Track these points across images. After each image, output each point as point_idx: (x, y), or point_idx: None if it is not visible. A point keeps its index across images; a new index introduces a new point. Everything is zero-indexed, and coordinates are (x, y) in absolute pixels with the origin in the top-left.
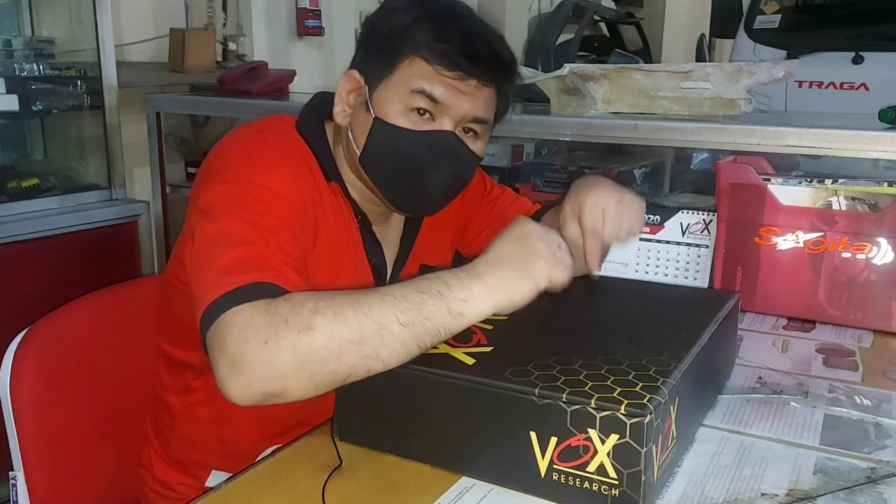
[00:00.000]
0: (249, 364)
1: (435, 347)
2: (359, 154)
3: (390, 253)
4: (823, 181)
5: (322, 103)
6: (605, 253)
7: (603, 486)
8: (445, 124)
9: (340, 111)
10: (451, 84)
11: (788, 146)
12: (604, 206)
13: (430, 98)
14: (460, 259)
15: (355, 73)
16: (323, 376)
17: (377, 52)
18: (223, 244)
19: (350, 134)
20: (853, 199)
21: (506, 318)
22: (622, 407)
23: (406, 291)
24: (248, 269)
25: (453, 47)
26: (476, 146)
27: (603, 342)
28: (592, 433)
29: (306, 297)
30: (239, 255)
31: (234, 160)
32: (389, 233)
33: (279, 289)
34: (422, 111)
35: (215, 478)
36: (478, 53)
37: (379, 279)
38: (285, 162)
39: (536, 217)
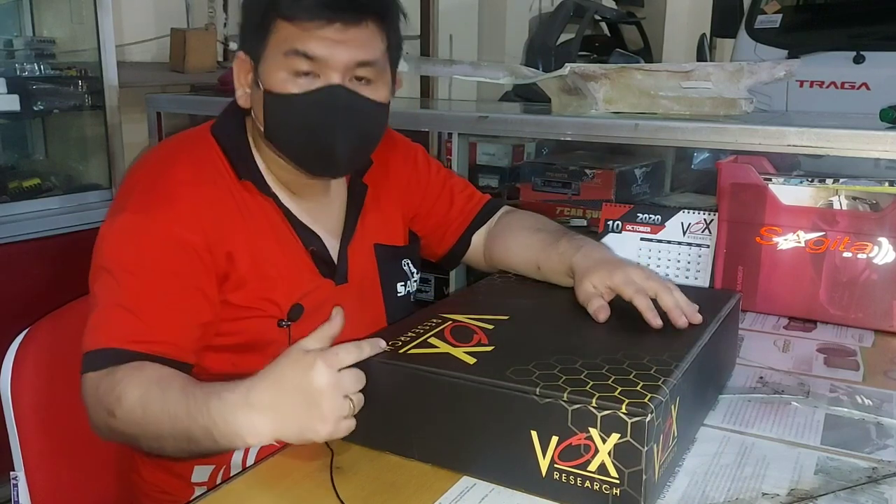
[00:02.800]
0: (91, 426)
1: (435, 347)
2: (263, 131)
3: (335, 232)
4: (824, 181)
5: None
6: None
7: (604, 486)
8: (332, 78)
9: (241, 94)
10: (320, 35)
11: (789, 146)
12: (624, 268)
13: (305, 56)
14: (417, 241)
15: (241, 54)
16: (137, 445)
17: (251, 28)
18: (104, 292)
19: (254, 114)
20: (854, 198)
21: (506, 317)
22: (623, 406)
23: (191, 407)
24: (110, 331)
25: (310, 0)
26: (376, 92)
27: (604, 341)
28: (593, 432)
29: (120, 379)
30: (109, 311)
31: (135, 190)
32: (330, 211)
33: (130, 354)
34: (305, 72)
35: (199, 473)
36: None
37: (324, 265)
38: (183, 196)
39: (486, 213)
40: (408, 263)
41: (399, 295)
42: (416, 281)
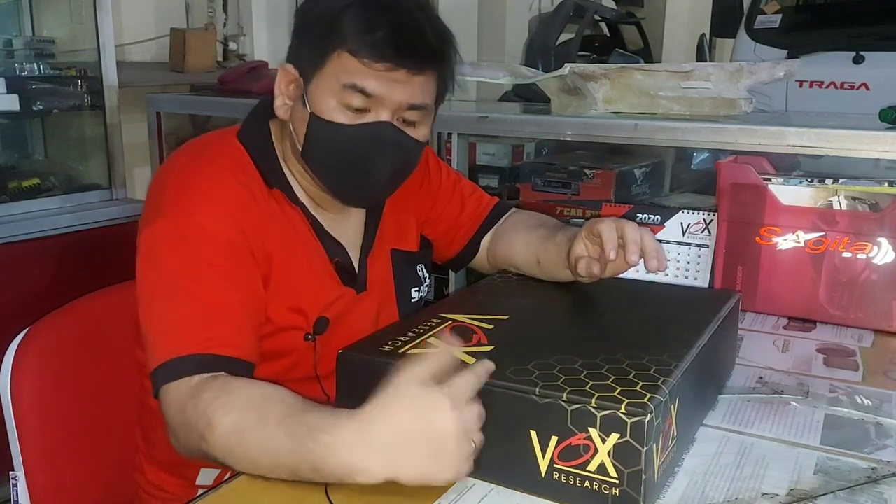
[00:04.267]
0: (176, 445)
1: (435, 347)
2: (300, 149)
3: (355, 242)
4: (824, 181)
5: (269, 103)
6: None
7: (603, 486)
8: (382, 115)
9: (281, 104)
10: (383, 75)
11: (789, 146)
12: (611, 220)
13: (362, 92)
14: (429, 246)
15: (290, 67)
16: (225, 464)
17: (307, 43)
18: (159, 302)
19: (292, 127)
20: (854, 198)
21: (506, 317)
22: (623, 406)
23: (296, 445)
24: (179, 338)
25: (380, 39)
26: (418, 132)
27: (603, 342)
28: (593, 432)
29: (210, 401)
30: (173, 319)
31: (169, 193)
32: (350, 221)
33: (205, 358)
34: (358, 107)
35: (204, 476)
36: (406, 43)
37: (346, 275)
38: (220, 194)
39: (494, 217)
40: (422, 269)
41: (413, 301)
42: (427, 286)
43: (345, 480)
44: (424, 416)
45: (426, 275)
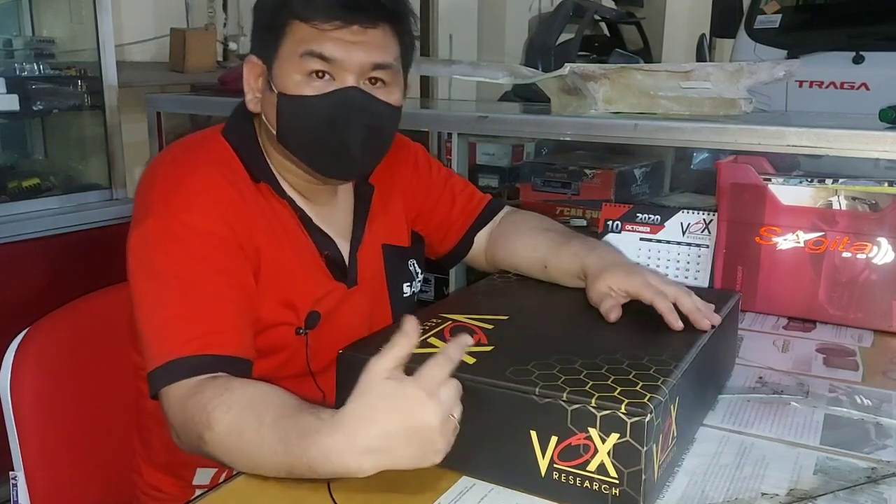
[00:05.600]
0: (178, 444)
1: (435, 347)
2: (275, 133)
3: (344, 235)
4: (824, 181)
5: None
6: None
7: (603, 486)
8: (348, 80)
9: (252, 98)
10: (336, 37)
11: (789, 146)
12: (642, 272)
13: (320, 57)
14: (421, 241)
15: (253, 58)
16: (224, 463)
17: (264, 28)
18: (153, 302)
19: (265, 117)
20: (853, 198)
21: (506, 317)
22: (623, 406)
23: (290, 447)
24: (176, 339)
25: (326, 1)
26: (389, 95)
27: (603, 341)
28: (593, 432)
29: (209, 400)
30: (169, 318)
31: (157, 193)
32: (338, 214)
33: (203, 359)
34: (320, 73)
35: (201, 476)
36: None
37: (337, 269)
38: (208, 192)
39: (489, 214)
40: (413, 264)
41: (405, 296)
42: (420, 281)
43: (341, 477)
44: (404, 413)
45: (418, 270)
